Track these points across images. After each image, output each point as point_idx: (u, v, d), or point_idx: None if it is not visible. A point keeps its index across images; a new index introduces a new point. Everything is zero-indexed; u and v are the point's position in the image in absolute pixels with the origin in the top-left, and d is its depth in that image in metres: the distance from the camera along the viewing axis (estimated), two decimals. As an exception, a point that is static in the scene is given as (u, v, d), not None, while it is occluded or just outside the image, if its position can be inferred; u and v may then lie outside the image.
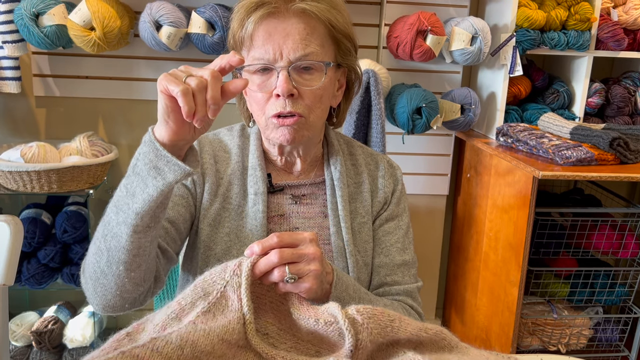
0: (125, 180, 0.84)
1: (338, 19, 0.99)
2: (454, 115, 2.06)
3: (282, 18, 0.95)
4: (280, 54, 0.94)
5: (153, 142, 0.79)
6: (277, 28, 0.94)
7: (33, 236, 1.90)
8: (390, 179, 1.14)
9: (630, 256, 2.00)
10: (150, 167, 0.79)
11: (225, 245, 1.02)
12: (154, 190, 0.80)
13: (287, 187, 1.07)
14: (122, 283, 0.87)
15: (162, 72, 0.76)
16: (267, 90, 0.96)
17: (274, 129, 0.98)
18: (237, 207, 1.04)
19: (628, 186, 2.47)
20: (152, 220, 0.84)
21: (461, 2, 2.14)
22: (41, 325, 2.01)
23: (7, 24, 1.84)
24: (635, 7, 2.10)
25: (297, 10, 0.94)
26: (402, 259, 1.10)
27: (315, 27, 0.96)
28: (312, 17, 0.95)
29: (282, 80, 0.93)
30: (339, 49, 1.01)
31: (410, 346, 0.75)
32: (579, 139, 1.83)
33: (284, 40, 0.94)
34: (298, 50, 0.94)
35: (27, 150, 1.79)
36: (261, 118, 1.00)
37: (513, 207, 1.85)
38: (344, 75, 1.06)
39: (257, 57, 0.96)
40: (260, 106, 0.99)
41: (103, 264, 0.87)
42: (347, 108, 1.12)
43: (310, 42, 0.95)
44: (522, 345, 2.03)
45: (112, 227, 0.85)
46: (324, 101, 1.00)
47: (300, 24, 0.94)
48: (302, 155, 1.08)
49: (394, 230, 1.11)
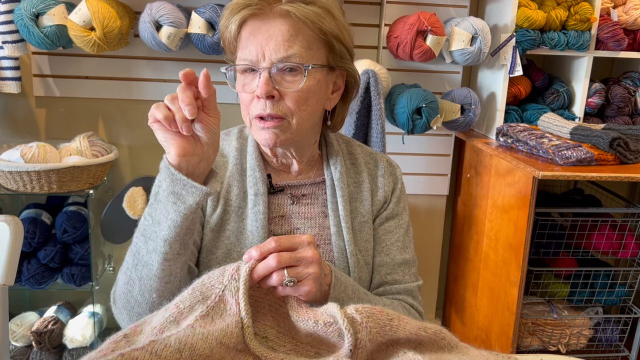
0: (149, 209, 0.86)
1: (327, 22, 0.97)
2: (454, 116, 2.06)
3: (266, 19, 0.94)
4: (263, 55, 0.94)
5: (167, 167, 0.82)
6: (260, 29, 0.94)
7: (33, 236, 1.90)
8: (390, 177, 1.13)
9: (630, 256, 2.00)
10: (169, 192, 0.82)
11: (226, 248, 1.02)
12: (177, 215, 0.81)
13: (287, 187, 1.07)
14: (156, 309, 0.88)
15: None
16: (251, 91, 0.97)
17: (257, 130, 0.99)
18: (238, 209, 1.04)
19: (628, 186, 2.47)
20: (182, 246, 0.85)
21: (461, 2, 2.14)
22: (41, 325, 2.01)
23: (7, 24, 1.84)
24: (635, 7, 2.10)
25: (281, 12, 0.94)
26: (403, 257, 1.10)
27: (300, 29, 0.95)
28: (295, 19, 0.94)
29: (262, 82, 0.93)
30: (332, 52, 1.00)
31: (410, 346, 0.75)
32: (579, 139, 1.83)
33: (267, 41, 0.94)
34: (280, 52, 0.93)
35: (27, 151, 1.79)
36: (247, 119, 1.00)
37: (513, 207, 1.85)
38: (342, 78, 1.05)
39: (242, 58, 0.96)
40: (245, 106, 0.99)
41: (136, 293, 0.88)
42: (344, 112, 1.11)
43: (294, 43, 0.94)
44: (522, 345, 2.03)
45: (143, 256, 0.86)
46: (310, 103, 0.98)
47: (284, 25, 0.94)
48: (296, 157, 1.07)
49: (394, 229, 1.11)
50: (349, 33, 1.03)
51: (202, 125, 0.83)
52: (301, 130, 1.00)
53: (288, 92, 0.95)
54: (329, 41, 0.98)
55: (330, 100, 1.05)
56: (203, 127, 0.83)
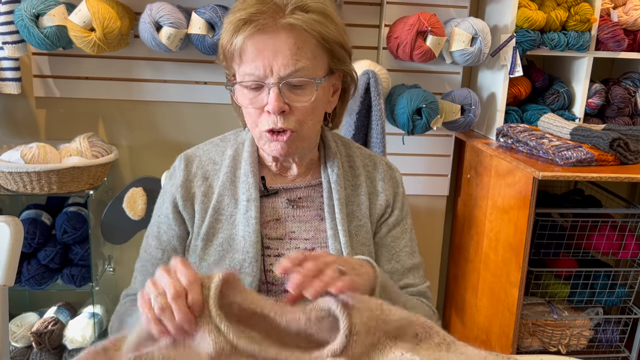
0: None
1: (329, 29, 0.97)
2: (454, 116, 2.06)
3: (272, 34, 0.93)
4: (270, 70, 0.93)
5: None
6: (266, 44, 0.93)
7: (33, 237, 1.90)
8: (390, 181, 1.13)
9: (631, 257, 2.00)
10: None
11: (218, 255, 1.01)
12: None
13: (282, 190, 1.07)
14: None
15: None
16: (259, 106, 0.96)
17: (267, 142, 0.99)
18: (230, 216, 1.03)
19: (628, 187, 2.47)
20: None
21: (461, 3, 2.14)
22: (41, 326, 2.01)
23: (7, 24, 1.84)
24: (635, 7, 2.10)
25: (286, 25, 0.93)
26: (412, 262, 1.11)
27: (305, 41, 0.95)
28: (301, 30, 0.94)
29: (273, 98, 0.93)
30: (333, 56, 1.00)
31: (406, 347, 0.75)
32: (579, 140, 1.83)
33: (274, 56, 0.93)
34: (289, 67, 0.93)
35: (27, 151, 1.79)
36: (255, 130, 1.00)
37: (513, 207, 1.85)
38: (339, 79, 1.05)
39: (248, 73, 0.95)
40: (253, 120, 0.99)
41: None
42: (343, 111, 1.11)
43: (301, 57, 0.94)
44: (522, 346, 2.02)
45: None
46: (317, 113, 1.00)
47: (290, 39, 0.93)
48: (297, 161, 1.07)
49: (401, 235, 1.12)
50: (347, 34, 1.03)
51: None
52: (309, 138, 1.01)
53: (297, 106, 0.96)
54: (332, 48, 0.98)
55: (331, 103, 1.06)
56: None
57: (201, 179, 1.07)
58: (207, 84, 2.12)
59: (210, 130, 1.22)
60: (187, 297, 0.73)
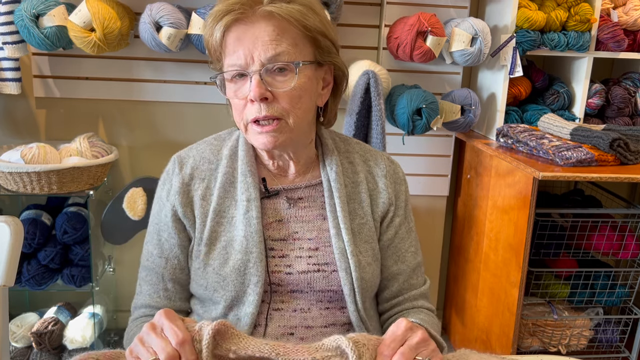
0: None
1: (309, 18, 0.97)
2: (454, 116, 2.06)
3: (250, 23, 0.94)
4: (251, 58, 0.94)
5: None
6: (246, 33, 0.94)
7: (33, 237, 1.90)
8: (393, 178, 1.12)
9: (631, 257, 2.00)
10: None
11: (222, 259, 1.01)
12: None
13: (283, 191, 1.06)
14: None
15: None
16: (243, 96, 0.96)
17: (254, 134, 0.98)
18: (231, 218, 1.03)
19: (628, 187, 2.47)
20: None
21: (461, 3, 2.14)
22: (41, 326, 2.01)
23: (8, 25, 1.84)
24: (635, 8, 2.10)
25: (265, 14, 0.94)
26: (416, 261, 1.12)
27: (285, 28, 0.95)
28: (280, 18, 0.94)
29: (254, 85, 0.93)
30: (318, 47, 1.00)
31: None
32: (579, 140, 1.83)
33: (254, 43, 0.93)
34: (268, 51, 0.93)
35: (27, 151, 1.79)
36: (241, 124, 1.00)
37: (513, 208, 1.85)
38: (330, 73, 1.05)
39: (231, 64, 0.96)
40: (239, 112, 0.99)
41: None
42: (335, 107, 1.11)
43: (281, 42, 0.94)
44: (522, 346, 2.02)
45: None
46: (304, 101, 0.98)
47: (269, 26, 0.94)
48: (294, 158, 1.06)
49: (406, 235, 1.12)
50: (332, 27, 1.03)
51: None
52: (299, 129, 1.00)
53: (281, 92, 0.95)
54: (314, 37, 0.98)
55: (321, 97, 1.05)
56: None
57: (198, 181, 1.06)
58: (207, 84, 2.12)
59: (210, 131, 1.21)
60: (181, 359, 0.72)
